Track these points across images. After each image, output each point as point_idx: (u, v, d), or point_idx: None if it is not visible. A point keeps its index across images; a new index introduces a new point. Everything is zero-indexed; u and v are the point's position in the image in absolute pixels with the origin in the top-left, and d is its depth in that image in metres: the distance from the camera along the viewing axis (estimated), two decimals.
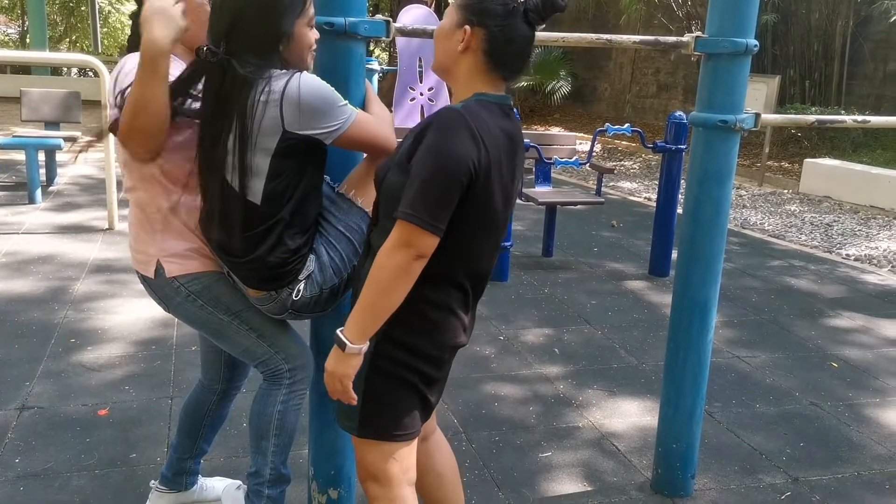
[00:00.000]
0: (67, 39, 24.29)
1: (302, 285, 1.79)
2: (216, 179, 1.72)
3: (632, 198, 8.37)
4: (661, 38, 2.30)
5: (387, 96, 11.85)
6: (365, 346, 1.53)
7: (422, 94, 7.51)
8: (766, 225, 7.25)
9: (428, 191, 1.45)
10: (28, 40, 18.05)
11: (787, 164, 10.16)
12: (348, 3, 1.87)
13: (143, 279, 1.96)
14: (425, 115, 7.59)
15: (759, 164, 9.73)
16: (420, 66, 7.51)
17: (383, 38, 1.98)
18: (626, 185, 9.21)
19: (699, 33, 2.25)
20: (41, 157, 6.80)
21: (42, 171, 6.88)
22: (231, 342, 1.97)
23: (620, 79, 14.68)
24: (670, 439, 2.53)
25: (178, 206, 1.86)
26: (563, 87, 13.93)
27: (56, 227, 5.65)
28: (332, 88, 1.71)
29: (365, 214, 1.83)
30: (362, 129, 1.75)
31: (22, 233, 5.42)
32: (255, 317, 1.94)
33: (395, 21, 2.01)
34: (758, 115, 2.32)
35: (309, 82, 1.66)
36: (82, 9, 23.41)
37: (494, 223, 1.60)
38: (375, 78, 7.76)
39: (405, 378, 1.61)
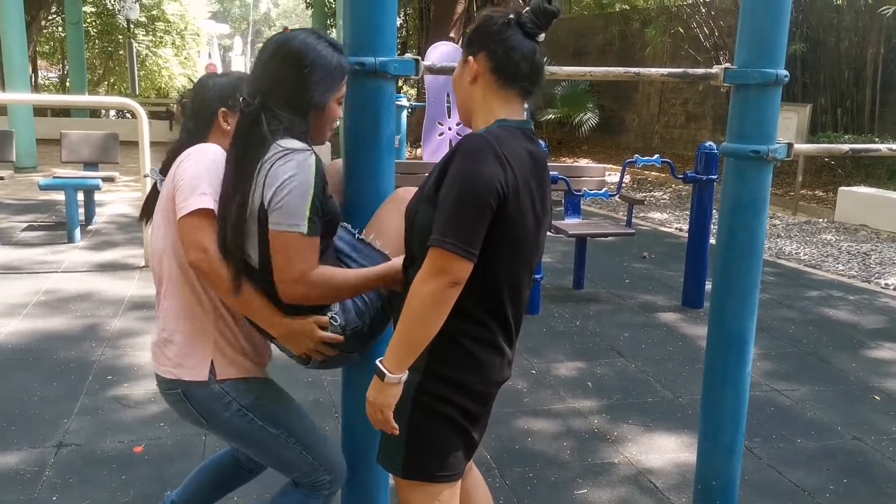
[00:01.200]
0: (106, 82, 25.02)
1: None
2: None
3: (662, 228, 8.30)
4: (690, 70, 2.30)
5: (415, 131, 11.99)
6: (404, 376, 1.52)
7: (450, 129, 7.60)
8: (801, 254, 7.14)
9: (458, 216, 1.45)
10: (68, 84, 18.65)
11: (821, 193, 10.02)
12: (378, 43, 1.91)
13: (184, 394, 1.82)
14: None
15: (792, 193, 9.60)
16: (448, 102, 7.61)
17: (412, 77, 2.01)
18: (657, 215, 9.14)
19: (728, 65, 2.25)
20: (80, 196, 6.97)
21: (81, 210, 7.04)
22: (275, 456, 1.91)
23: (648, 110, 14.67)
24: (709, 476, 2.47)
25: (223, 310, 1.82)
26: (590, 118, 13.96)
27: (94, 265, 5.77)
28: (309, 195, 1.64)
29: (386, 258, 1.83)
30: (280, 246, 1.65)
31: (61, 271, 5.54)
32: (299, 427, 1.91)
33: (423, 58, 2.04)
34: (790, 146, 2.30)
35: (300, 177, 1.62)
36: (120, 53, 24.15)
37: (527, 245, 1.59)
38: (404, 114, 7.89)
39: (449, 415, 1.58)
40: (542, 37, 1.59)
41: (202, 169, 1.75)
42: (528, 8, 1.58)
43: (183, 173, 1.76)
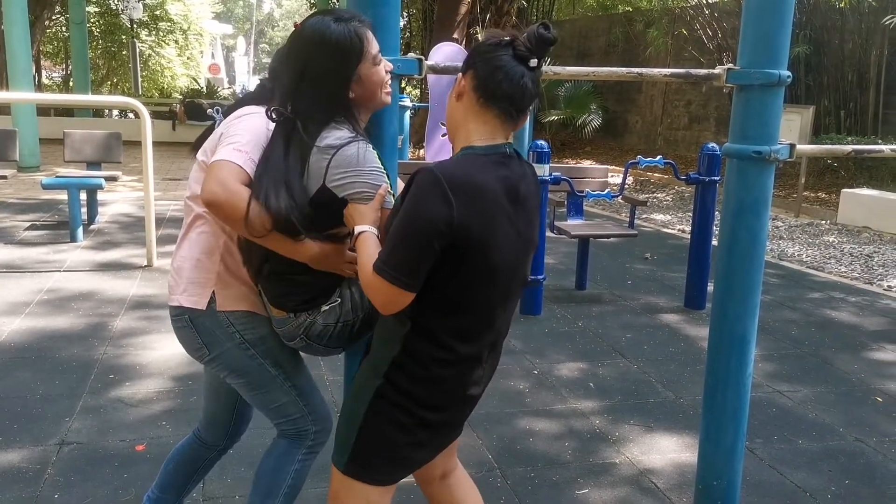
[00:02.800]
0: (109, 82, 25.07)
1: (320, 313, 1.79)
2: None
3: (665, 230, 8.30)
4: (693, 71, 2.30)
5: (418, 132, 12.00)
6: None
7: None
8: (804, 256, 7.13)
9: (398, 252, 1.50)
10: (72, 84, 18.69)
11: (823, 195, 10.00)
12: (382, 42, 1.90)
13: (189, 321, 1.89)
14: None
15: (795, 195, 9.59)
16: None
17: (415, 76, 2.01)
18: (659, 217, 9.14)
19: (731, 65, 2.25)
20: (83, 196, 6.98)
21: (84, 209, 7.05)
22: (270, 397, 1.94)
23: (651, 111, 14.67)
24: (711, 476, 2.47)
25: (232, 246, 1.86)
26: (593, 120, 13.96)
27: (96, 264, 5.77)
28: (382, 170, 1.71)
29: None
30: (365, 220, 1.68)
31: (63, 270, 5.55)
32: (297, 374, 1.95)
33: (426, 59, 2.04)
34: (793, 146, 2.29)
35: (364, 152, 1.67)
36: (123, 53, 24.20)
37: (503, 272, 1.58)
38: (407, 115, 7.89)
39: (402, 423, 1.60)
40: (533, 62, 1.54)
41: (254, 131, 1.75)
42: (525, 32, 1.56)
43: (236, 127, 1.79)
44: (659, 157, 4.99)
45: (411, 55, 2.01)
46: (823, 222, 8.82)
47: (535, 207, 1.67)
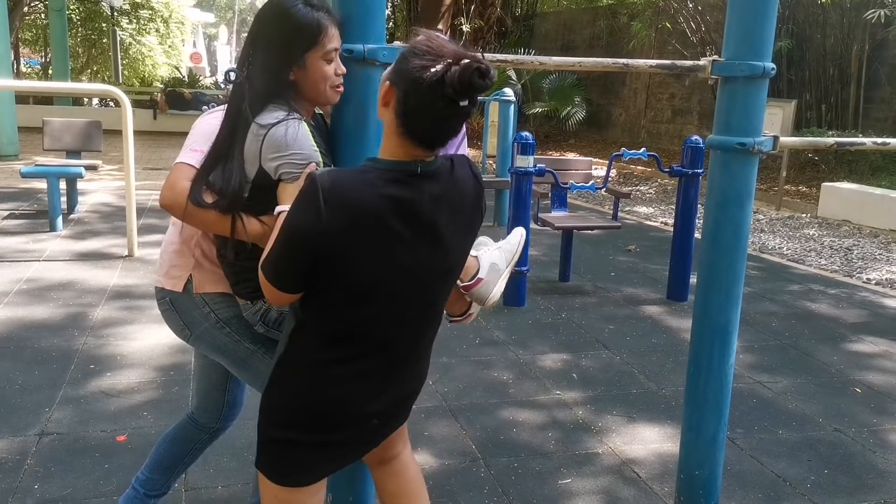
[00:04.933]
0: (89, 70, 24.74)
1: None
2: None
3: (648, 222, 8.34)
4: (678, 63, 2.30)
5: None
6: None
7: None
8: (784, 249, 7.20)
9: (274, 253, 1.50)
10: (51, 71, 18.42)
11: (804, 189, 10.10)
12: (367, 30, 1.89)
13: (171, 302, 1.96)
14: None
15: (776, 189, 9.68)
16: None
17: None
18: (643, 209, 9.18)
19: (716, 57, 2.26)
20: (62, 185, 6.90)
21: (63, 199, 6.97)
22: (253, 371, 1.97)
23: (635, 104, 14.72)
24: (693, 466, 2.49)
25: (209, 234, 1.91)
26: (577, 112, 13.98)
27: (76, 254, 5.71)
28: (313, 145, 1.72)
29: None
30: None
31: (43, 260, 5.48)
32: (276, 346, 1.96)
33: None
34: (776, 138, 2.31)
35: (294, 132, 1.68)
36: (104, 41, 23.89)
37: (374, 297, 1.51)
38: None
39: (286, 423, 1.60)
40: (464, 103, 1.41)
41: (207, 129, 1.81)
42: (458, 69, 1.38)
43: (193, 129, 1.88)
44: (643, 149, 5.01)
45: (397, 43, 2.00)
46: (804, 215, 8.90)
47: (456, 233, 1.56)
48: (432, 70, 1.39)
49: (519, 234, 2.00)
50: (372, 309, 1.53)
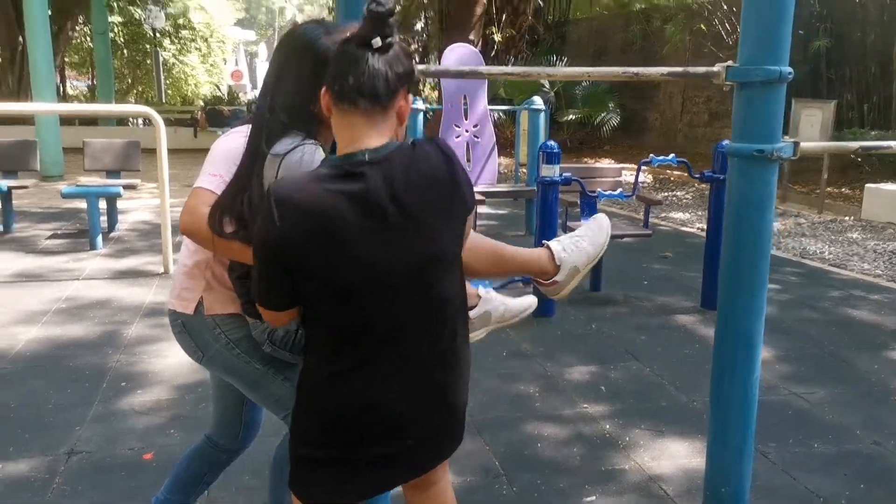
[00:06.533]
0: (135, 91, 25.41)
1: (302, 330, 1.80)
2: None
3: (684, 228, 8.20)
4: (691, 69, 2.26)
5: (433, 133, 12.00)
6: None
7: (467, 132, 7.58)
8: (826, 254, 7.00)
9: (256, 276, 1.51)
10: (96, 93, 18.96)
11: (847, 191, 9.83)
12: None
13: (182, 325, 1.98)
14: (471, 153, 7.64)
15: (818, 191, 9.44)
16: (465, 104, 7.59)
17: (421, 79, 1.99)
18: (678, 215, 9.04)
19: (730, 62, 2.20)
20: (103, 204, 7.07)
21: (104, 218, 7.14)
22: (265, 392, 1.97)
23: (671, 108, 14.53)
24: (719, 481, 2.42)
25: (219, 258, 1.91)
26: (611, 118, 13.85)
27: (114, 272, 5.83)
28: None
29: None
30: None
31: (82, 279, 5.62)
32: (287, 367, 1.96)
33: (440, 61, 2.03)
34: (796, 144, 2.24)
35: (311, 158, 1.66)
36: (147, 62, 24.52)
37: (357, 297, 1.45)
38: (420, 117, 7.88)
39: (304, 450, 1.58)
40: (376, 42, 1.42)
41: (226, 152, 1.81)
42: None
43: (211, 153, 1.87)
44: (672, 155, 4.93)
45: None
46: (847, 218, 8.66)
47: (433, 214, 1.47)
48: (346, 34, 1.48)
49: (605, 225, 1.97)
50: (362, 308, 1.47)
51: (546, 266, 1.84)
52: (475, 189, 7.11)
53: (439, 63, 9.46)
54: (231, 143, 1.81)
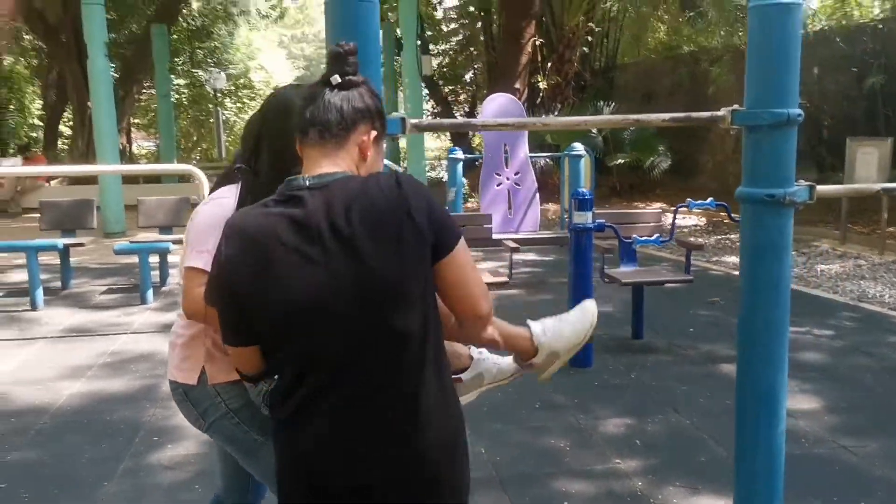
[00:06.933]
0: (199, 149, 26.46)
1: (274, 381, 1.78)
2: None
3: (736, 273, 7.94)
4: (694, 115, 2.21)
5: (474, 182, 12.06)
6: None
7: (508, 179, 7.58)
8: (886, 297, 6.67)
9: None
10: (160, 153, 19.77)
11: None
12: None
13: (184, 394, 1.96)
14: (512, 200, 7.63)
15: (878, 231, 9.06)
16: (506, 152, 7.61)
17: (398, 135, 2.00)
18: (731, 259, 8.79)
19: (736, 106, 2.15)
20: (155, 259, 7.29)
21: (156, 272, 7.35)
22: (261, 463, 1.95)
23: (722, 149, 14.27)
24: None
25: None
26: (662, 162, 13.67)
27: (161, 325, 5.97)
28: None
29: None
30: None
31: (130, 332, 5.76)
32: None
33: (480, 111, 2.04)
34: (812, 187, 2.16)
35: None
36: (210, 121, 25.54)
37: (296, 321, 1.41)
38: (459, 167, 7.94)
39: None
40: (335, 79, 1.50)
41: (211, 225, 1.78)
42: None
43: (197, 226, 1.87)
44: (710, 199, 4.82)
45: (395, 114, 2.01)
46: None
47: (382, 243, 1.39)
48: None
49: (590, 313, 1.91)
50: (306, 337, 1.41)
51: (525, 346, 1.77)
52: (512, 235, 7.11)
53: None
54: (213, 212, 1.83)
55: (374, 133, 1.54)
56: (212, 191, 1.99)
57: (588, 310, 1.90)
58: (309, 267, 1.39)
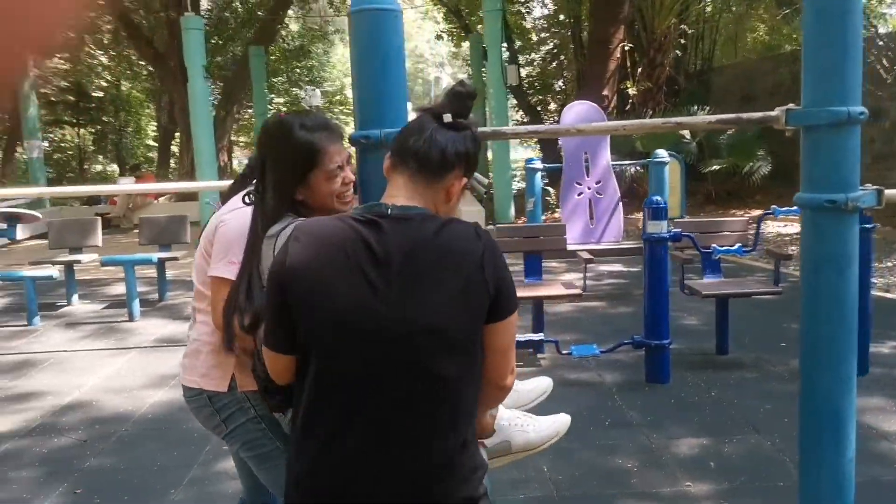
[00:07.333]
0: None
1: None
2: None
3: None
4: (744, 116, 2.07)
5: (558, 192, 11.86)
6: None
7: (589, 188, 7.41)
8: None
9: (265, 312, 1.54)
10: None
11: None
12: (383, 117, 1.90)
13: (208, 400, 1.99)
14: (593, 209, 7.44)
15: None
16: (586, 161, 7.44)
17: None
18: None
19: (791, 105, 1.99)
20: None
21: None
22: (276, 472, 1.94)
23: None
24: None
25: None
26: (761, 167, 13.04)
27: None
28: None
29: None
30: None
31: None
32: None
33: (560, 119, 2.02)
34: (880, 192, 1.97)
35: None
36: None
37: (334, 331, 1.41)
38: (538, 176, 7.81)
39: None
40: (447, 118, 1.50)
41: (243, 233, 1.84)
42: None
43: (222, 235, 1.90)
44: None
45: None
46: None
47: (438, 291, 1.40)
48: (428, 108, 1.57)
49: (562, 426, 1.89)
50: (345, 353, 1.41)
51: (487, 423, 1.64)
52: (589, 245, 6.92)
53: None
54: (242, 223, 1.86)
55: (464, 180, 1.55)
56: (226, 197, 2.02)
57: (561, 422, 1.87)
58: (366, 289, 1.40)
